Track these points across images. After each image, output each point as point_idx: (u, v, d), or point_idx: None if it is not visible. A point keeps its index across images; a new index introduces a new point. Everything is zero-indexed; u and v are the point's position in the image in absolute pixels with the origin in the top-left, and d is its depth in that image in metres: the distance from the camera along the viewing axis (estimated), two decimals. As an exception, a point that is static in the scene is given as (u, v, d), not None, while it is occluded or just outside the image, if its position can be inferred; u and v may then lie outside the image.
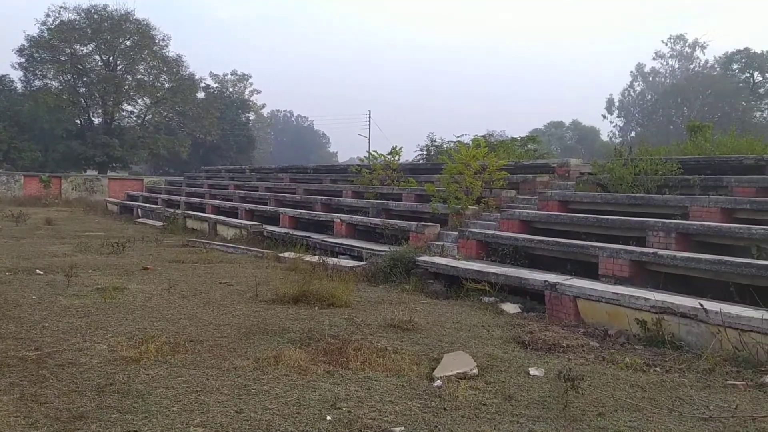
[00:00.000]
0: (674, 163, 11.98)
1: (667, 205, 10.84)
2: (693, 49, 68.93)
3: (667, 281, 8.85)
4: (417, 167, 21.49)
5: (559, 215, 11.86)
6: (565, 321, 8.15)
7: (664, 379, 5.67)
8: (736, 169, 11.68)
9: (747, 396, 5.24)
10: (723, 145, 14.20)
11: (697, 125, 15.85)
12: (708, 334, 6.61)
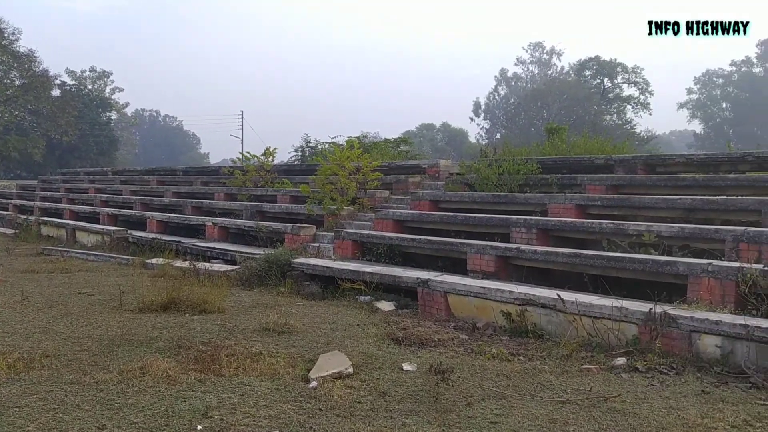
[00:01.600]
0: (534, 164, 12.74)
1: (529, 203, 11.51)
2: (550, 56, 73.84)
3: (529, 274, 9.40)
4: (292, 168, 21.31)
5: (431, 214, 12.24)
6: (437, 316, 8.43)
7: (527, 367, 6.01)
8: (588, 168, 12.61)
9: (600, 378, 5.68)
10: (577, 146, 15.29)
11: (555, 128, 16.98)
12: (566, 322, 7.10)
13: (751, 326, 5.86)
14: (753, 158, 10.89)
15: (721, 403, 5.01)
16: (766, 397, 5.17)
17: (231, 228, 15.38)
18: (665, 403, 4.97)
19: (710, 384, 5.53)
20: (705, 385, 5.48)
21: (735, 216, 9.30)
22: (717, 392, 5.31)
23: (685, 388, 5.38)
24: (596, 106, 54.92)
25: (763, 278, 6.68)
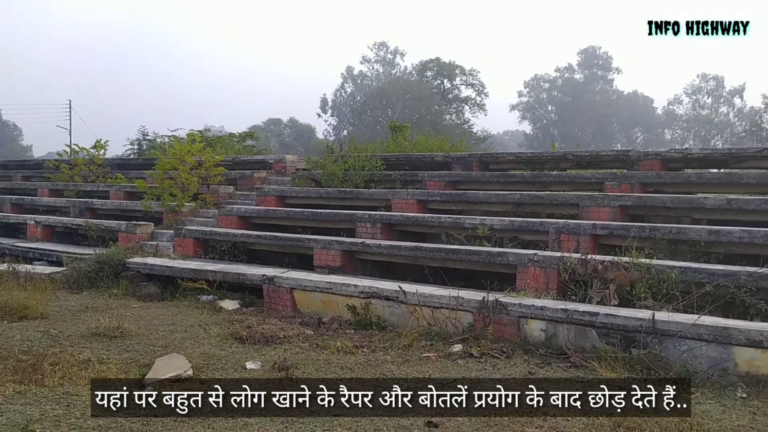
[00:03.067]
0: (379, 160, 13.03)
1: (374, 198, 11.76)
2: (394, 55, 76.01)
3: (374, 268, 9.60)
4: (127, 163, 20.05)
5: (277, 210, 12.10)
6: (283, 313, 8.35)
7: (370, 359, 6.14)
8: (429, 165, 13.14)
9: (438, 365, 5.94)
10: (419, 144, 15.86)
11: (398, 125, 17.49)
12: (407, 313, 7.34)
13: (570, 310, 6.43)
14: (573, 157, 11.94)
15: (545, 381, 5.43)
16: (583, 374, 5.69)
17: (57, 226, 14.16)
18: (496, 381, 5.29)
19: (536, 365, 5.99)
20: (531, 367, 5.93)
21: (558, 210, 10.13)
22: (542, 372, 5.77)
23: (513, 370, 5.79)
24: (437, 106, 57.34)
25: (580, 266, 7.34)
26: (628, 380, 5.15)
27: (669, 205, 9.07)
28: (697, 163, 10.82)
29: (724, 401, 5.00)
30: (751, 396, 5.10)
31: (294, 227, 11.45)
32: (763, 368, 5.40)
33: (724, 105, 73.97)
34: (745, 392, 5.19)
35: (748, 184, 9.40)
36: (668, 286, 6.74)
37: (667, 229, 8.04)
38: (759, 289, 6.51)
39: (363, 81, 74.93)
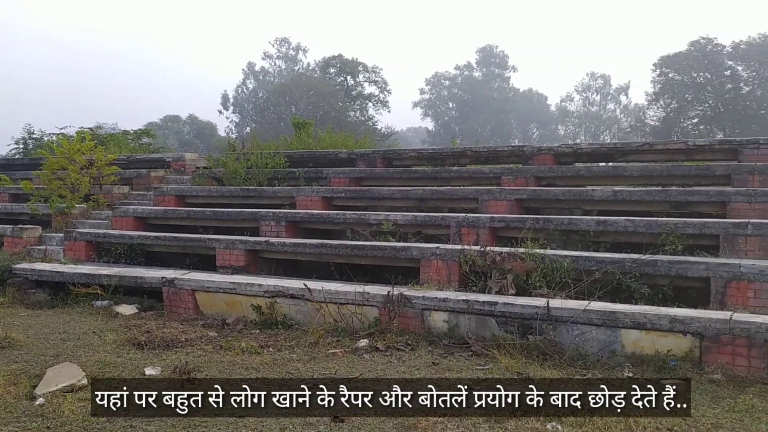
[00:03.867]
0: (282, 157, 12.90)
1: (278, 196, 11.63)
2: (297, 52, 75.27)
3: (279, 267, 9.51)
4: (12, 163, 18.79)
5: (176, 210, 11.72)
6: (185, 315, 8.11)
7: (276, 358, 6.09)
8: (333, 162, 13.15)
9: (345, 361, 5.97)
10: (323, 140, 15.83)
11: (301, 122, 17.37)
12: (314, 310, 7.32)
13: (471, 301, 6.64)
14: (472, 153, 12.31)
15: (449, 371, 5.60)
16: (484, 362, 5.90)
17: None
18: (401, 377, 5.39)
19: (439, 356, 6.14)
20: (435, 357, 6.08)
21: (459, 204, 10.43)
22: (445, 362, 5.92)
23: (418, 362, 5.91)
24: (341, 103, 57.30)
25: (480, 258, 7.59)
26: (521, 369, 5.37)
27: (561, 197, 9.55)
28: (586, 157, 11.45)
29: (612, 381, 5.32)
30: (636, 375, 5.46)
31: (195, 227, 11.14)
32: (647, 348, 5.80)
33: (611, 102, 78.40)
34: (631, 371, 5.56)
35: (632, 176, 10.05)
36: (561, 275, 7.09)
37: (560, 220, 8.45)
38: (642, 275, 6.98)
39: (265, 77, 73.73)
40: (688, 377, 5.28)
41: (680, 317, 5.70)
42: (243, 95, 71.56)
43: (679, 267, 6.80)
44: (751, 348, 5.36)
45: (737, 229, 7.29)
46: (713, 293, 6.58)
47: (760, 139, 10.02)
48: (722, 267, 6.61)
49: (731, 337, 5.44)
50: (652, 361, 5.67)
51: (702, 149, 10.48)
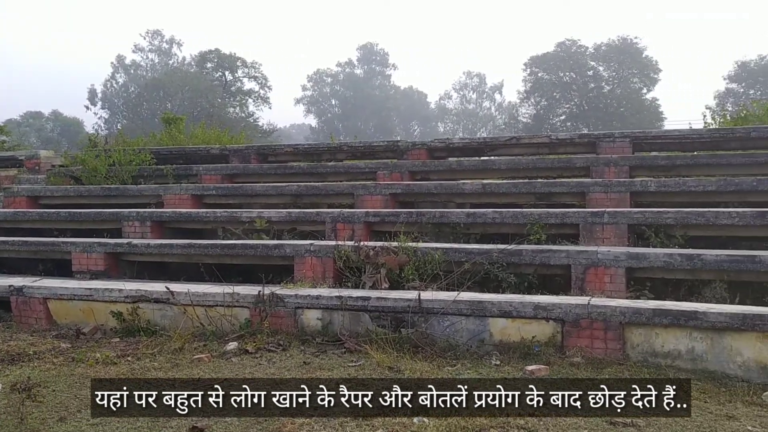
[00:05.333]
0: (148, 154, 12.21)
1: (143, 195, 10.98)
2: (171, 45, 72.12)
3: (144, 269, 8.96)
4: None
5: (28, 212, 10.76)
6: (36, 326, 7.44)
7: (135, 368, 5.67)
8: (205, 158, 12.62)
9: (211, 366, 5.66)
10: (196, 136, 15.18)
11: (172, 117, 16.55)
12: (180, 315, 6.92)
13: (344, 297, 6.53)
14: (348, 148, 12.25)
15: (320, 370, 5.45)
16: (356, 358, 5.80)
17: None
18: (270, 379, 5.18)
19: (312, 354, 5.98)
20: (307, 356, 5.91)
21: (335, 199, 10.31)
22: (317, 361, 5.77)
23: (289, 362, 5.72)
24: (219, 99, 55.65)
25: (354, 253, 7.50)
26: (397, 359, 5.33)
27: (434, 191, 9.68)
28: (458, 152, 11.70)
29: (481, 369, 5.41)
30: (503, 363, 5.59)
31: (50, 230, 10.28)
32: (513, 336, 5.95)
33: (486, 100, 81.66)
34: (498, 359, 5.68)
35: (500, 169, 10.38)
36: (433, 267, 7.15)
37: (432, 213, 8.55)
38: (509, 264, 7.18)
39: (137, 71, 70.10)
40: (551, 361, 5.49)
41: (543, 304, 5.89)
42: (112, 90, 67.60)
43: (543, 256, 7.06)
44: (608, 331, 5.63)
45: (595, 218, 7.67)
46: (574, 280, 6.88)
47: (615, 133, 10.69)
48: (581, 254, 6.92)
49: (589, 321, 5.69)
50: (518, 348, 5.82)
51: (564, 143, 11.01)
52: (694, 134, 10.63)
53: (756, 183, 8.17)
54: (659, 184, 8.67)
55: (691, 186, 8.44)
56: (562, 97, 54.57)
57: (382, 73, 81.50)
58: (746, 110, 15.05)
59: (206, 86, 54.81)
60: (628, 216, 7.60)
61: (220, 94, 56.76)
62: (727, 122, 14.93)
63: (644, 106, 52.41)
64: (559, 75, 53.82)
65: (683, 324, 5.38)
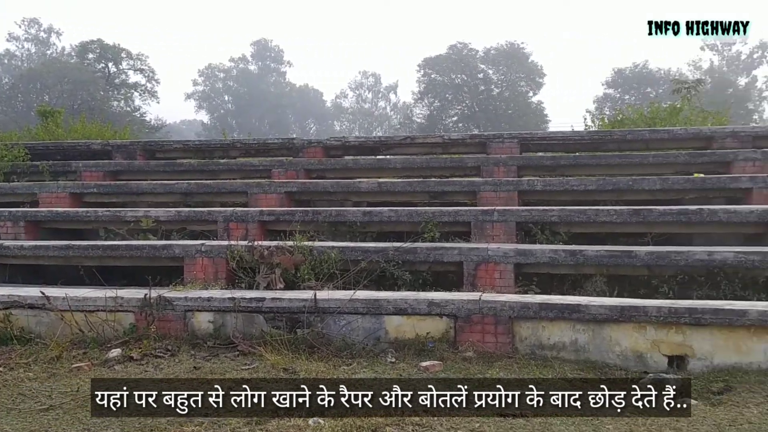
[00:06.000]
0: (22, 149, 11.34)
1: (16, 194, 10.20)
2: (49, 34, 67.48)
3: (18, 273, 8.33)
4: None
5: None
6: None
7: (7, 378, 5.24)
8: (85, 154, 11.89)
9: (91, 375, 5.31)
10: (75, 131, 14.29)
11: (49, 110, 15.42)
12: (57, 321, 6.46)
13: (237, 298, 6.34)
14: (241, 145, 11.95)
15: (212, 374, 5.25)
16: (250, 361, 5.65)
17: None
18: (161, 380, 4.93)
19: (203, 359, 5.76)
20: (198, 361, 5.69)
21: (228, 198, 10.02)
22: (208, 365, 5.56)
23: (178, 368, 5.47)
24: (102, 92, 52.63)
25: (247, 253, 7.30)
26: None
27: (330, 189, 9.62)
28: (354, 151, 11.72)
29: (376, 367, 5.42)
30: (399, 360, 5.62)
31: None
32: (408, 333, 6.01)
33: (382, 99, 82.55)
34: (394, 357, 5.71)
35: (395, 168, 10.49)
36: (329, 266, 7.09)
37: (328, 212, 8.49)
38: (404, 262, 7.25)
39: (11, 61, 65.07)
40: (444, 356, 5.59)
41: (437, 301, 5.99)
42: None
43: (437, 253, 7.18)
44: (498, 325, 5.81)
45: (485, 216, 7.91)
46: (466, 276, 7.05)
47: (504, 134, 11.09)
48: (473, 251, 7.11)
49: (481, 316, 5.84)
50: (413, 344, 5.88)
51: (456, 143, 11.30)
52: (576, 136, 11.24)
53: (631, 182, 8.73)
54: (545, 183, 9.07)
55: (573, 185, 8.89)
56: (454, 99, 56.11)
57: (277, 69, 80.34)
58: (622, 114, 16.11)
59: (88, 78, 51.65)
60: (517, 214, 7.90)
61: (103, 87, 53.70)
62: (605, 125, 15.92)
63: (530, 108, 54.90)
64: (452, 77, 55.32)
65: (567, 317, 5.64)
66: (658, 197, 8.71)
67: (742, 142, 9.88)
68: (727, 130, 10.58)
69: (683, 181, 8.72)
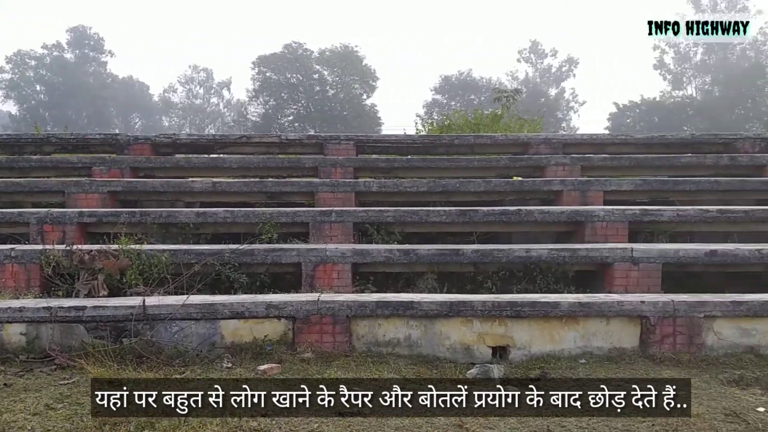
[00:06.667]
0: None
1: None
2: None
3: None
4: None
5: None
6: None
7: None
8: None
9: None
10: None
11: None
12: None
13: (54, 308, 5.80)
14: (57, 140, 10.96)
15: (24, 392, 4.77)
16: (69, 375, 5.20)
17: None
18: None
19: (14, 375, 5.22)
20: (9, 377, 5.14)
21: (43, 198, 9.19)
22: (21, 382, 5.04)
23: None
24: None
25: (66, 258, 6.72)
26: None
27: (160, 189, 9.14)
28: (186, 149, 11.22)
29: (211, 374, 5.23)
30: (235, 365, 5.48)
31: None
32: (245, 337, 5.87)
33: (214, 96, 79.88)
34: (230, 362, 5.55)
35: (231, 168, 10.21)
36: (159, 270, 6.74)
37: (158, 213, 8.05)
38: (241, 264, 7.09)
39: None
40: (283, 359, 5.55)
41: (275, 303, 5.92)
42: None
43: (275, 254, 7.10)
44: (336, 325, 5.87)
45: (324, 217, 7.96)
46: (304, 277, 7.05)
47: (341, 135, 11.23)
48: (311, 252, 7.12)
49: (319, 316, 5.86)
50: (250, 348, 5.76)
51: (294, 143, 11.24)
52: (409, 140, 11.68)
53: (459, 184, 9.25)
54: (380, 185, 9.33)
55: (406, 187, 9.24)
56: (290, 98, 55.84)
57: (97, 59, 74.61)
58: (449, 119, 17.05)
59: None
60: (354, 214, 8.04)
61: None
62: (434, 129, 16.74)
63: (365, 111, 56.18)
64: (287, 76, 54.99)
65: (402, 314, 5.85)
66: (483, 198, 9.32)
67: (554, 149, 10.86)
68: (541, 137, 11.57)
69: (504, 183, 9.41)
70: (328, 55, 56.25)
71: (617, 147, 11.12)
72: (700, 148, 11.01)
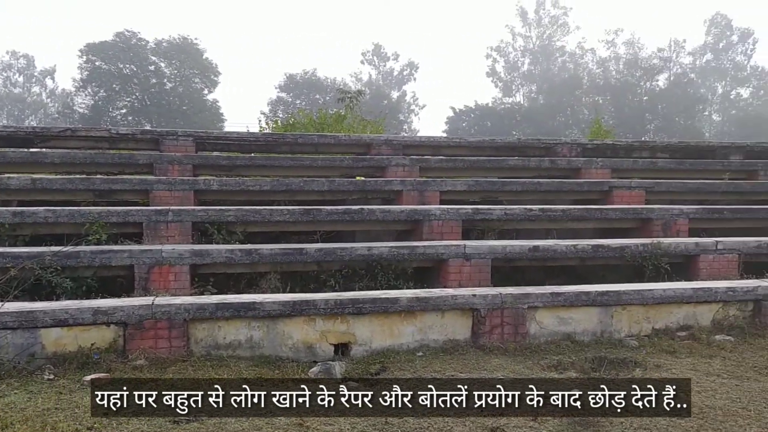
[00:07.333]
0: None
1: None
2: None
3: None
4: None
5: None
6: None
7: None
8: None
9: None
10: None
11: None
12: None
13: None
14: None
15: None
16: None
17: None
18: None
19: None
20: None
21: None
22: None
23: None
24: None
25: None
26: None
27: (-32, 185, 8.19)
28: (2, 142, 10.16)
29: (31, 387, 4.80)
30: (58, 376, 5.06)
31: None
32: (69, 345, 5.43)
33: (36, 85, 73.01)
34: (52, 373, 5.12)
35: (53, 163, 9.40)
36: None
37: (-34, 212, 7.21)
38: (65, 268, 6.55)
39: None
40: (112, 368, 5.20)
41: (104, 308, 5.54)
42: None
43: (103, 257, 6.65)
44: (172, 329, 5.61)
45: (159, 216, 7.57)
46: (138, 280, 6.67)
47: (179, 131, 10.76)
48: (145, 254, 6.75)
49: (154, 321, 5.57)
50: (75, 357, 5.35)
51: (126, 138, 10.58)
52: (252, 137, 11.46)
53: (303, 183, 9.24)
54: (221, 183, 9.06)
55: (249, 185, 9.06)
56: (123, 90, 52.37)
57: None
58: (294, 118, 16.98)
59: None
60: (193, 214, 7.74)
61: None
62: (278, 128, 16.58)
63: (206, 106, 54.19)
64: (119, 66, 51.51)
65: (243, 315, 5.73)
66: (327, 198, 9.39)
67: (395, 150, 11.19)
68: (382, 138, 11.87)
69: (348, 183, 9.55)
70: (166, 46, 53.55)
71: (452, 149, 11.71)
72: (525, 152, 11.90)
